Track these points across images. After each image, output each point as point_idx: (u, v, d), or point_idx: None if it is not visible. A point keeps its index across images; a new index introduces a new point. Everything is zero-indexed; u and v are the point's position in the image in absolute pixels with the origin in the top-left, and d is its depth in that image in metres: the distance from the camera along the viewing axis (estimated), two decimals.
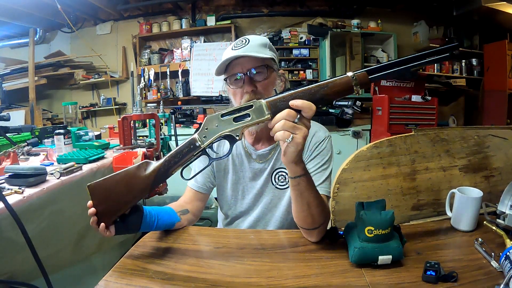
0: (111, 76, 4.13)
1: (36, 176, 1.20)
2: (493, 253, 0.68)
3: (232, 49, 0.89)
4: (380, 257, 0.67)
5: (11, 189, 1.12)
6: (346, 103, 3.60)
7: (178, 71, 3.88)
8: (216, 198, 1.10)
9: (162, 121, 2.48)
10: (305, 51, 3.91)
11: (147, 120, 2.30)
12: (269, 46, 0.93)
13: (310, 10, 3.99)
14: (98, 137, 2.35)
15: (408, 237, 0.76)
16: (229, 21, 3.92)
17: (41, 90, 4.05)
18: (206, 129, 0.68)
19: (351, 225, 0.75)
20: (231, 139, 0.68)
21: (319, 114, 3.34)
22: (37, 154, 1.78)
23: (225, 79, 0.93)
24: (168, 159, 0.69)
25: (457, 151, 1.05)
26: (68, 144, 1.78)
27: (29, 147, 1.83)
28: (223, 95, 3.57)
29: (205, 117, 0.68)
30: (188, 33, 4.00)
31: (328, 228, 0.82)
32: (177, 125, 3.07)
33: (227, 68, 0.92)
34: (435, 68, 3.88)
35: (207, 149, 0.69)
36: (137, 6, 4.00)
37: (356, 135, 3.37)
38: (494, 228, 0.79)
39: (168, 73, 3.94)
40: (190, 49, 3.90)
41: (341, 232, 0.78)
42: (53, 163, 1.55)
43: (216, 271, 0.69)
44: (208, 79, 3.80)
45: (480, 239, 0.74)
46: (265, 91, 0.90)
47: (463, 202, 0.83)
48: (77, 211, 1.38)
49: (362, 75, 0.64)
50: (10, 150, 1.50)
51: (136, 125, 2.05)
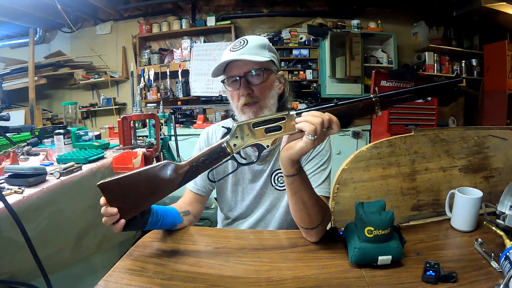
0: (111, 76, 4.13)
1: (36, 176, 1.20)
2: (493, 254, 0.68)
3: (231, 50, 0.89)
4: (380, 258, 0.67)
5: (11, 189, 1.12)
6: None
7: (178, 71, 3.88)
8: (216, 199, 1.10)
9: (162, 121, 2.48)
10: (305, 51, 3.91)
11: (147, 120, 2.30)
12: (268, 47, 0.92)
13: (310, 11, 3.99)
14: (98, 137, 2.35)
15: (408, 238, 0.76)
16: (229, 21, 3.92)
17: (41, 90, 4.04)
18: (237, 137, 0.68)
19: (351, 226, 0.75)
20: (260, 147, 0.70)
21: None
22: (37, 154, 1.78)
23: (223, 81, 0.93)
24: (196, 164, 0.68)
25: (457, 152, 1.05)
26: (68, 144, 1.78)
27: (29, 147, 1.83)
28: (223, 95, 3.58)
29: (236, 124, 0.68)
30: (188, 33, 4.00)
31: (328, 228, 0.82)
32: (177, 125, 3.07)
33: (226, 70, 0.92)
34: (435, 69, 3.88)
35: (235, 155, 0.70)
36: (137, 6, 4.00)
37: (356, 136, 3.37)
38: (494, 229, 0.79)
39: (168, 73, 3.94)
40: (190, 49, 3.90)
41: (341, 232, 0.79)
42: (53, 163, 1.56)
43: (216, 271, 0.69)
44: (208, 79, 3.79)
45: (480, 240, 0.74)
46: (262, 95, 0.90)
47: (463, 203, 0.83)
48: (77, 211, 1.38)
49: (383, 99, 0.69)
50: (10, 150, 1.50)
51: (136, 125, 2.05)
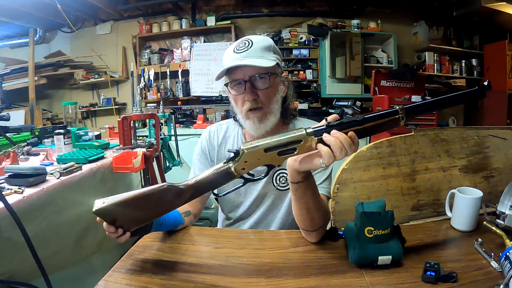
0: (111, 76, 4.13)
1: (36, 176, 1.20)
2: (493, 254, 0.68)
3: (234, 52, 0.86)
4: (380, 258, 0.67)
5: (11, 189, 1.11)
6: (346, 103, 3.60)
7: (178, 71, 3.88)
8: (216, 199, 1.09)
9: (162, 121, 2.48)
10: (305, 51, 3.92)
11: (147, 120, 2.30)
12: (273, 49, 0.90)
13: (310, 11, 4.00)
14: (98, 137, 2.35)
15: (408, 238, 0.75)
16: (229, 21, 3.93)
17: (41, 90, 4.04)
18: (246, 162, 0.64)
19: (351, 226, 0.75)
20: (270, 166, 0.67)
21: (319, 115, 3.34)
22: (37, 154, 1.78)
23: (226, 85, 0.91)
24: (198, 186, 0.66)
25: (457, 152, 1.04)
26: (68, 144, 1.78)
27: (29, 147, 1.83)
28: (223, 95, 3.57)
29: (245, 150, 0.63)
30: (188, 33, 4.00)
31: (328, 228, 0.82)
32: (177, 125, 3.07)
33: (229, 72, 0.89)
34: (435, 69, 3.88)
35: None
36: (137, 6, 4.00)
37: None
38: (494, 229, 0.79)
39: (168, 73, 3.94)
40: (190, 49, 3.90)
41: (341, 232, 0.79)
42: (53, 163, 1.55)
43: (216, 271, 0.69)
44: (208, 79, 3.79)
45: (480, 240, 0.74)
46: (267, 100, 0.88)
47: (463, 203, 0.83)
48: (77, 211, 1.38)
49: (408, 114, 0.63)
50: (10, 150, 1.50)
51: (136, 125, 2.05)
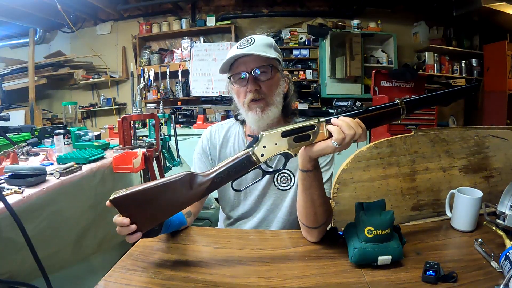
0: (111, 76, 4.13)
1: (36, 176, 1.20)
2: (493, 254, 0.68)
3: (238, 48, 0.89)
4: (380, 258, 0.67)
5: (11, 189, 1.11)
6: (346, 103, 3.60)
7: (178, 71, 3.88)
8: (216, 199, 1.09)
9: (162, 121, 2.47)
10: (305, 52, 3.92)
11: (147, 120, 2.30)
12: (274, 47, 0.93)
13: (310, 11, 3.99)
14: (98, 137, 2.35)
15: (408, 238, 0.76)
16: (229, 22, 3.93)
17: (41, 90, 4.04)
18: (264, 147, 0.66)
19: (351, 226, 0.75)
20: (288, 155, 0.68)
21: (319, 115, 3.33)
22: (37, 154, 1.78)
23: (229, 78, 0.93)
24: (220, 174, 0.66)
25: (457, 152, 1.05)
26: (68, 144, 1.78)
27: (29, 147, 1.83)
28: (223, 95, 3.57)
29: (263, 133, 0.67)
30: (188, 33, 4.00)
31: (328, 228, 0.82)
32: (177, 125, 3.07)
33: (232, 67, 0.92)
34: (435, 69, 3.88)
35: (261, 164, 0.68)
36: (137, 6, 4.01)
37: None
38: (494, 229, 0.79)
39: (168, 73, 3.94)
40: (190, 49, 3.90)
41: (341, 233, 0.79)
42: (53, 163, 1.55)
43: (216, 271, 0.69)
44: (208, 79, 3.79)
45: (480, 240, 0.74)
46: (269, 92, 0.90)
47: (463, 203, 0.83)
48: (77, 211, 1.38)
49: (408, 105, 0.69)
50: (10, 150, 1.50)
51: (136, 125, 2.05)
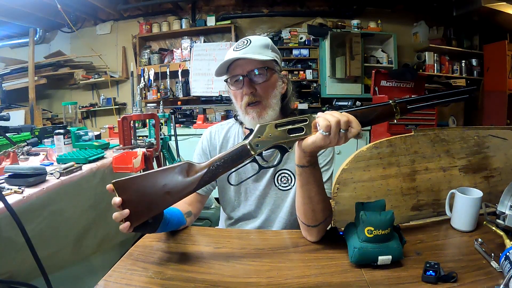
0: (111, 76, 4.13)
1: (36, 176, 1.20)
2: (493, 254, 0.68)
3: (234, 50, 0.90)
4: (380, 258, 0.67)
5: (11, 189, 1.11)
6: (346, 103, 3.60)
7: (178, 71, 3.87)
8: (216, 199, 1.09)
9: (162, 121, 2.47)
10: (305, 51, 3.91)
11: (147, 120, 2.30)
12: (271, 47, 0.93)
13: (310, 11, 3.99)
14: (98, 137, 2.35)
15: (408, 237, 0.76)
16: (229, 21, 3.92)
17: (41, 90, 4.04)
18: (259, 137, 0.67)
19: (351, 226, 0.75)
20: (283, 150, 0.69)
21: None
22: (37, 154, 1.78)
23: (226, 80, 0.94)
24: (216, 164, 0.67)
25: (457, 152, 1.05)
26: (68, 144, 1.78)
27: (29, 147, 1.83)
28: (223, 95, 3.57)
29: (258, 125, 0.68)
30: (188, 33, 4.00)
31: (328, 228, 0.82)
32: (177, 125, 3.07)
33: (229, 69, 0.92)
34: (435, 69, 3.88)
35: (257, 157, 0.69)
36: (137, 6, 4.00)
37: (356, 135, 3.36)
38: (494, 229, 0.79)
39: (168, 73, 3.94)
40: (190, 49, 3.90)
41: (341, 233, 0.79)
42: (53, 163, 1.55)
43: (216, 271, 0.69)
44: (208, 79, 3.79)
45: (480, 240, 0.74)
46: (265, 94, 0.90)
47: (463, 203, 0.83)
48: (77, 211, 1.38)
49: (402, 105, 0.70)
50: (10, 150, 1.50)
51: (136, 125, 2.05)
